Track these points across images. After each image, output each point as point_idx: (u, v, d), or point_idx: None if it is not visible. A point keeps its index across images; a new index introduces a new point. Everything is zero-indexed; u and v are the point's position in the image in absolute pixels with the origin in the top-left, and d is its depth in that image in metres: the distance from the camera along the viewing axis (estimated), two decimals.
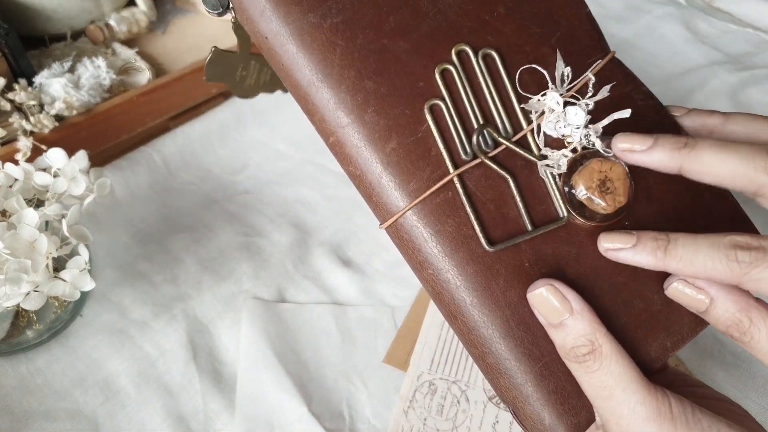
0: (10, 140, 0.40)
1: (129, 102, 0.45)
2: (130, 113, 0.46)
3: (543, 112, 0.21)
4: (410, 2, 0.21)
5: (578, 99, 0.21)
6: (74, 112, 0.43)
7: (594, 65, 0.23)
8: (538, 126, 0.22)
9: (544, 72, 0.22)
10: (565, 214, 0.21)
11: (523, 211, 0.21)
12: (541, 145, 0.22)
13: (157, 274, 0.42)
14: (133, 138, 0.48)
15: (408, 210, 0.20)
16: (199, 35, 0.59)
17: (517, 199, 0.21)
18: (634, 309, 0.21)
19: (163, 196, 0.47)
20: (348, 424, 0.36)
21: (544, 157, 0.21)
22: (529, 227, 0.21)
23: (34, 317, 0.36)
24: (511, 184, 0.21)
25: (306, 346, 0.39)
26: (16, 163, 0.35)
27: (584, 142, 0.21)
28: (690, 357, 0.40)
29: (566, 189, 0.21)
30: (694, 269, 0.19)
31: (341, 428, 0.35)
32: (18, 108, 0.42)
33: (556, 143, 0.22)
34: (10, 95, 0.42)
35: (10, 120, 0.40)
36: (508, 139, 0.21)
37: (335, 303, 0.42)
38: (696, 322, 0.22)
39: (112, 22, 0.52)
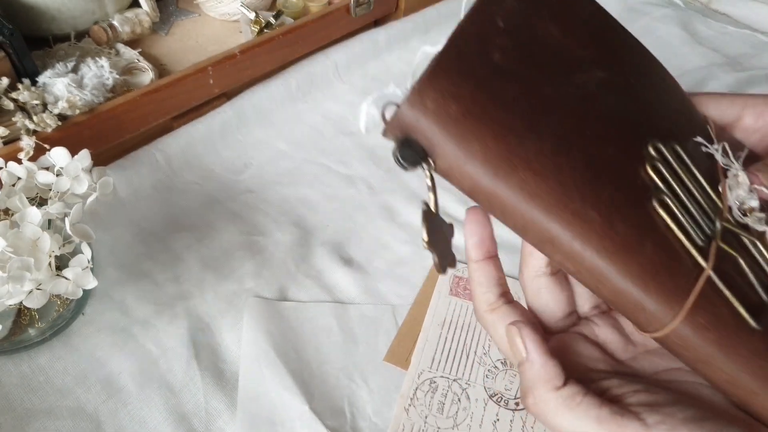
0: (14, 139, 0.41)
1: (132, 102, 0.45)
2: (133, 113, 0.46)
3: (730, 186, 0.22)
4: (592, 109, 0.20)
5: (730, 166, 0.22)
6: (77, 112, 0.43)
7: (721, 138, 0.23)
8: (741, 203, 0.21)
9: (714, 151, 0.22)
10: None
11: (756, 284, 0.20)
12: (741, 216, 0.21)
13: (160, 273, 0.42)
14: (135, 138, 0.48)
15: (683, 312, 0.19)
16: (202, 36, 0.59)
17: (750, 275, 0.21)
18: None
19: (165, 195, 0.47)
20: (349, 422, 0.36)
21: (744, 226, 0.21)
22: (765, 297, 0.20)
23: (37, 315, 0.36)
24: (741, 262, 0.21)
25: (307, 344, 0.39)
26: (19, 161, 0.35)
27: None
28: None
29: None
30: None
31: (342, 426, 0.35)
32: (21, 107, 0.42)
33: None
34: (13, 94, 0.42)
35: (14, 119, 0.40)
36: (730, 221, 0.21)
37: (336, 301, 0.42)
38: None
39: (115, 23, 0.53)
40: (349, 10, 0.59)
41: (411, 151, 0.19)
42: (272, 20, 0.57)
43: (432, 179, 0.20)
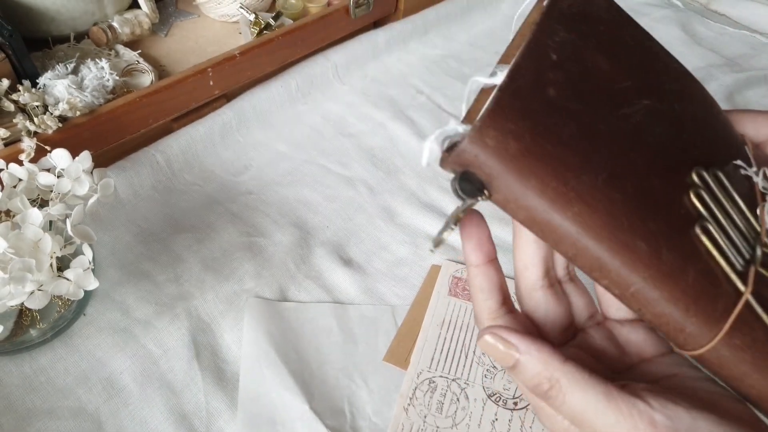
0: (14, 141, 0.41)
1: (132, 103, 0.45)
2: (133, 114, 0.46)
3: None
4: (639, 140, 0.21)
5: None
6: (78, 113, 0.43)
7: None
8: None
9: (753, 174, 0.23)
10: None
11: None
12: None
13: (160, 274, 0.42)
14: (136, 139, 0.48)
15: (720, 334, 0.20)
16: (202, 38, 0.59)
17: None
18: None
19: (165, 196, 0.48)
20: (349, 422, 0.36)
21: None
22: None
23: (38, 316, 0.37)
24: None
25: (307, 344, 0.39)
26: (20, 163, 0.35)
27: None
28: None
29: None
30: None
31: (342, 426, 0.36)
32: (22, 109, 0.43)
33: None
34: (14, 96, 0.42)
35: (14, 121, 0.40)
36: None
37: (336, 302, 0.42)
38: None
39: (115, 24, 0.53)
40: (348, 11, 0.59)
41: (469, 184, 0.19)
42: (272, 21, 0.57)
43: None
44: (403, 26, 0.65)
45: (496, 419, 0.36)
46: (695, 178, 0.22)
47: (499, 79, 0.20)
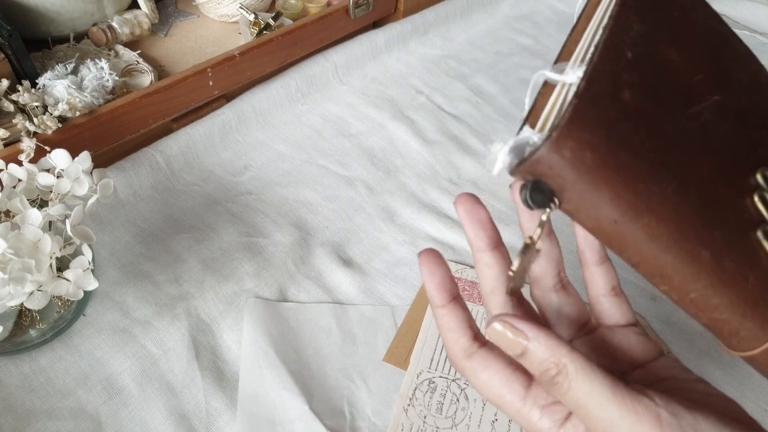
0: (14, 141, 0.41)
1: (132, 103, 0.45)
2: (133, 115, 0.46)
3: None
4: (706, 141, 0.21)
5: None
6: (77, 114, 0.43)
7: None
8: None
9: None
10: None
11: None
12: None
13: (160, 274, 0.42)
14: (135, 139, 0.48)
15: None
16: (201, 38, 0.59)
17: None
18: None
19: (165, 196, 0.48)
20: (348, 422, 0.36)
21: None
22: None
23: (38, 317, 0.37)
24: None
25: (307, 344, 0.39)
26: (19, 163, 0.35)
27: None
28: (687, 356, 0.40)
29: None
30: None
31: (342, 426, 0.36)
32: (21, 109, 0.43)
33: None
34: (13, 96, 0.42)
35: (14, 121, 0.40)
36: None
37: (336, 302, 0.42)
38: None
39: (114, 24, 0.53)
40: (348, 11, 0.59)
41: (540, 194, 0.19)
42: (271, 22, 0.57)
43: (548, 217, 0.21)
44: (403, 26, 0.65)
45: (496, 419, 0.36)
46: (760, 179, 0.21)
47: (569, 78, 0.19)
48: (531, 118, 0.21)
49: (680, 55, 0.21)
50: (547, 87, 0.21)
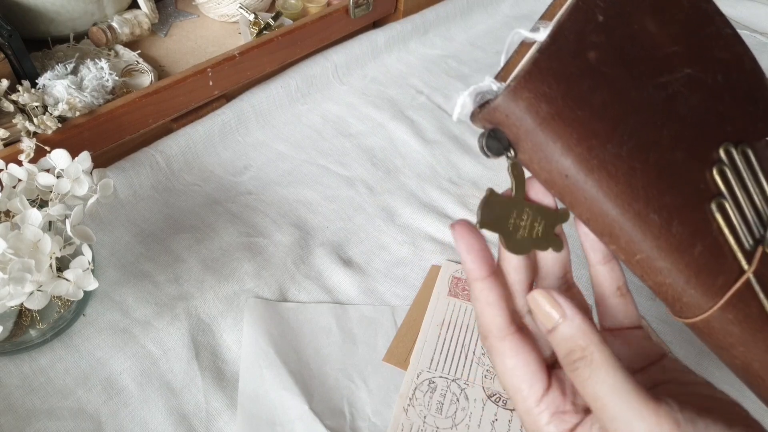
0: (14, 141, 0.41)
1: (132, 103, 0.45)
2: (133, 115, 0.46)
3: None
4: (672, 111, 0.21)
5: None
6: (77, 114, 0.43)
7: None
8: None
9: None
10: None
11: None
12: None
13: (160, 274, 0.42)
14: (135, 139, 0.48)
15: (715, 308, 0.21)
16: (201, 38, 0.59)
17: None
18: None
19: (165, 196, 0.48)
20: (349, 422, 0.36)
21: None
22: None
23: (38, 317, 0.37)
24: None
25: (307, 344, 0.39)
26: (19, 163, 0.35)
27: None
28: (687, 355, 0.40)
29: None
30: None
31: (342, 426, 0.36)
32: (21, 109, 0.43)
33: None
34: (13, 96, 0.42)
35: (14, 121, 0.40)
36: None
37: (336, 302, 0.42)
38: None
39: (114, 24, 0.53)
40: (348, 11, 0.59)
41: (496, 142, 0.20)
42: (271, 21, 0.57)
43: (519, 168, 0.21)
44: (403, 26, 0.65)
45: (496, 419, 0.36)
46: (722, 153, 0.22)
47: (541, 35, 0.20)
48: (503, 74, 0.21)
49: (657, 26, 0.22)
50: (524, 46, 0.21)
